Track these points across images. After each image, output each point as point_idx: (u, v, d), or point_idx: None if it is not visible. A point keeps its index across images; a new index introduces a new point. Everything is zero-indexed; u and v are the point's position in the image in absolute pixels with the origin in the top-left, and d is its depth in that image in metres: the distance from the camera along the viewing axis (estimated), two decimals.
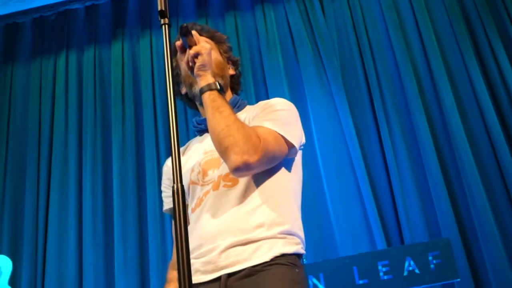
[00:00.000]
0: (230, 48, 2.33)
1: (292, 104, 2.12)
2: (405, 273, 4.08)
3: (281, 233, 1.91)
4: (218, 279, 1.86)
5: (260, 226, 1.89)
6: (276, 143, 1.92)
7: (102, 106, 5.87)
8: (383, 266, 4.14)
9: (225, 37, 2.34)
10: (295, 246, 1.92)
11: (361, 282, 4.13)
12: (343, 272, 4.17)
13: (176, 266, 2.12)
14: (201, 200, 2.00)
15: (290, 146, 1.98)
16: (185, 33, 1.96)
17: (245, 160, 1.80)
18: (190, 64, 1.98)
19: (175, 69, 2.24)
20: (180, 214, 1.38)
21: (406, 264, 4.10)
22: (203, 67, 1.95)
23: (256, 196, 1.94)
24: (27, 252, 5.35)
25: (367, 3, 5.84)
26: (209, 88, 1.93)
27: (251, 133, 1.85)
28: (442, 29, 5.58)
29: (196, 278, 1.89)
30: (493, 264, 4.63)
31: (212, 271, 1.87)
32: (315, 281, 4.16)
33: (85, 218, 5.38)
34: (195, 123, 2.25)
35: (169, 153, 2.15)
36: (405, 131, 5.26)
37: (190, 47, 1.97)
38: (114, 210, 5.35)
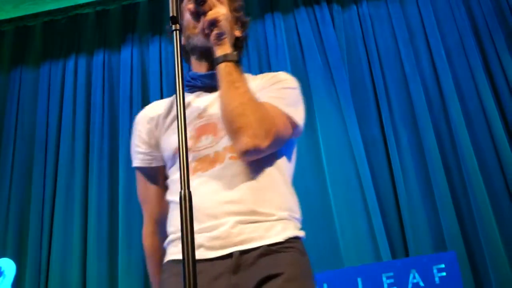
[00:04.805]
0: (242, 7, 2.15)
1: (297, 81, 2.04)
2: (410, 286, 4.07)
3: (290, 215, 1.87)
4: (227, 256, 1.72)
5: (271, 205, 1.81)
6: (285, 126, 1.86)
7: (110, 111, 5.88)
8: (388, 278, 4.12)
9: None
10: (301, 230, 1.90)
11: None
12: (348, 283, 4.16)
13: (159, 259, 2.02)
14: (195, 169, 1.84)
15: (295, 126, 1.93)
16: (200, 2, 1.83)
17: (257, 144, 1.73)
18: (206, 31, 1.85)
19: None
20: (187, 223, 1.36)
21: (411, 276, 4.09)
22: (221, 35, 1.82)
23: (264, 175, 1.84)
24: (31, 256, 5.35)
25: (377, 14, 5.84)
26: (226, 59, 1.80)
27: (265, 115, 1.77)
28: (452, 43, 5.57)
29: (200, 254, 1.71)
30: (498, 278, 4.61)
31: (221, 247, 1.73)
32: None
33: (90, 224, 5.38)
34: (188, 77, 2.05)
35: None
36: (413, 144, 5.25)
37: (205, 13, 1.83)
38: (119, 216, 5.34)
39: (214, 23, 1.82)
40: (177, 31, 1.56)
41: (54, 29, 6.42)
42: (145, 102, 5.75)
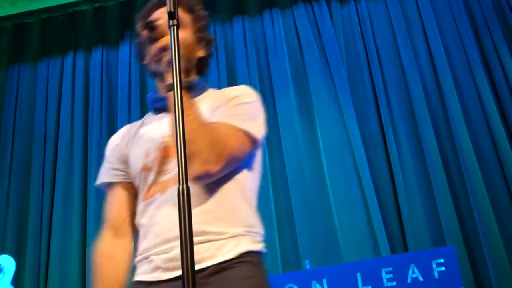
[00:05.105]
0: (206, 27, 2.14)
1: (255, 93, 2.02)
2: (409, 281, 4.07)
3: (246, 230, 1.86)
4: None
5: (224, 223, 1.82)
6: (241, 145, 1.86)
7: (108, 108, 5.88)
8: (387, 273, 4.12)
9: (205, 14, 2.15)
10: (259, 244, 1.88)
11: None
12: (347, 278, 4.16)
13: (107, 274, 1.98)
14: (155, 191, 1.90)
15: (254, 140, 1.91)
16: (151, 29, 1.88)
17: (208, 170, 1.74)
18: (158, 57, 1.90)
19: (140, 37, 2.10)
20: (186, 219, 1.36)
21: (410, 271, 4.09)
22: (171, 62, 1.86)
23: (219, 194, 1.85)
24: (31, 252, 5.36)
25: (375, 10, 5.84)
26: None
27: (216, 139, 1.77)
28: (450, 39, 5.57)
29: (157, 275, 1.80)
30: (497, 272, 4.62)
31: (175, 268, 1.77)
32: (318, 286, 4.15)
33: (89, 219, 5.39)
34: (151, 99, 2.10)
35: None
36: (411, 140, 5.25)
37: (157, 40, 1.88)
38: None
39: (164, 50, 1.86)
40: (175, 27, 1.56)
41: (52, 26, 6.41)
42: (143, 98, 5.76)
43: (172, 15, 1.56)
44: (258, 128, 1.93)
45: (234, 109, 1.92)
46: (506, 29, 5.51)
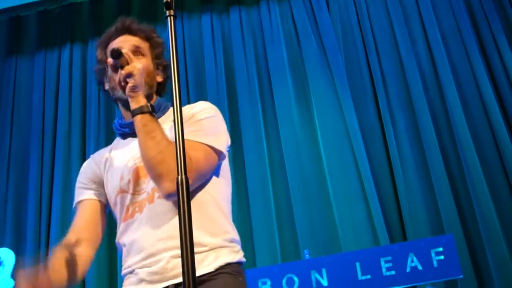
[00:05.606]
0: (162, 53, 2.27)
1: (214, 107, 2.13)
2: (408, 269, 4.08)
3: (224, 240, 1.94)
4: None
5: (203, 235, 1.90)
6: (206, 158, 1.96)
7: (106, 100, 5.87)
8: (386, 262, 4.13)
9: (161, 40, 2.27)
10: (238, 254, 1.97)
11: (363, 277, 4.13)
12: (346, 268, 4.17)
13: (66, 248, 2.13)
14: (134, 211, 2.01)
15: (219, 153, 2.01)
16: (117, 56, 1.95)
17: None
18: (122, 83, 1.97)
19: (101, 64, 2.22)
20: (185, 206, 1.37)
21: (409, 260, 4.10)
22: (135, 88, 1.93)
23: (194, 206, 1.80)
24: (30, 245, 5.36)
25: None
26: (141, 111, 1.91)
27: None
28: (447, 26, 5.56)
29: (142, 287, 1.91)
30: (496, 261, 4.62)
31: (159, 281, 1.88)
32: (317, 276, 4.16)
33: None
34: (117, 126, 2.22)
35: None
36: (409, 128, 5.25)
37: (122, 67, 1.95)
38: None
39: (129, 77, 1.94)
40: (171, 17, 1.56)
41: (49, 19, 6.39)
42: None
43: (168, 6, 1.56)
44: (220, 140, 2.03)
45: (195, 125, 2.01)
46: (504, 17, 5.49)
